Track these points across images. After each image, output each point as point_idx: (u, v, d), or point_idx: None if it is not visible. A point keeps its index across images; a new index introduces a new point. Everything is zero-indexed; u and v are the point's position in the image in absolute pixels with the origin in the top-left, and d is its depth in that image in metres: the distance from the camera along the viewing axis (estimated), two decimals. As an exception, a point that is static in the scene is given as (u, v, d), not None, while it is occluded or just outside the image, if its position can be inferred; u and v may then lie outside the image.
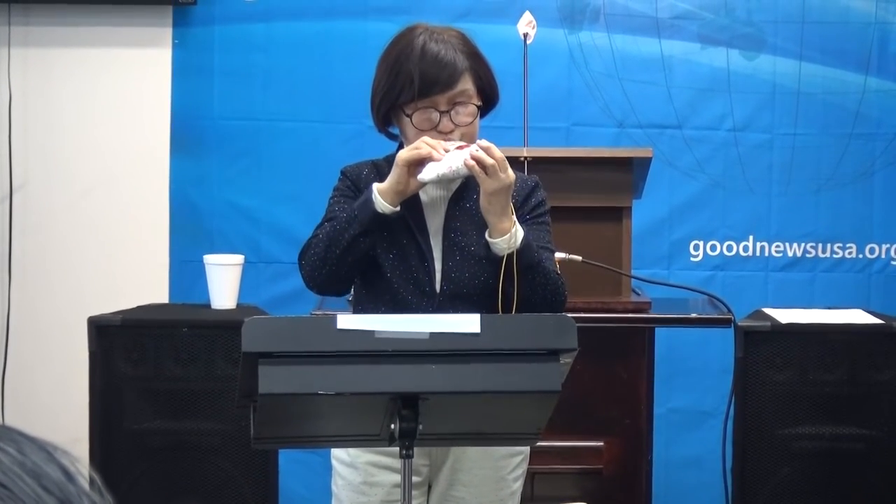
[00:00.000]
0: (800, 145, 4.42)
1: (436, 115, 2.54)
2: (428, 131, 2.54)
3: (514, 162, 3.04)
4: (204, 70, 4.42)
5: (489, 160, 2.44)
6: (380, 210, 2.51)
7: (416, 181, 2.49)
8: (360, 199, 2.55)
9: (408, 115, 2.55)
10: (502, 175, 2.45)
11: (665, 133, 4.41)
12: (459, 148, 2.49)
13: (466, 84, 2.55)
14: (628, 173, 3.35)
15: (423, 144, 2.48)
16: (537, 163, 3.20)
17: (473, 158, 2.45)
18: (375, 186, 2.53)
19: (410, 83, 2.52)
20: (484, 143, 2.48)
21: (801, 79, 4.41)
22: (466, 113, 2.55)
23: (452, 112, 2.54)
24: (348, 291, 2.70)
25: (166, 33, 4.40)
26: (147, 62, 4.41)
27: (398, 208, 2.52)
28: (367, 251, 2.55)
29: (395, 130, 2.65)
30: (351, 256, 2.54)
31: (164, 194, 4.43)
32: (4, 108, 4.38)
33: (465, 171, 2.47)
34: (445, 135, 2.54)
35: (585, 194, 3.31)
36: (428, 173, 2.47)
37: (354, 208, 2.54)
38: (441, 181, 2.52)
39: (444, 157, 2.47)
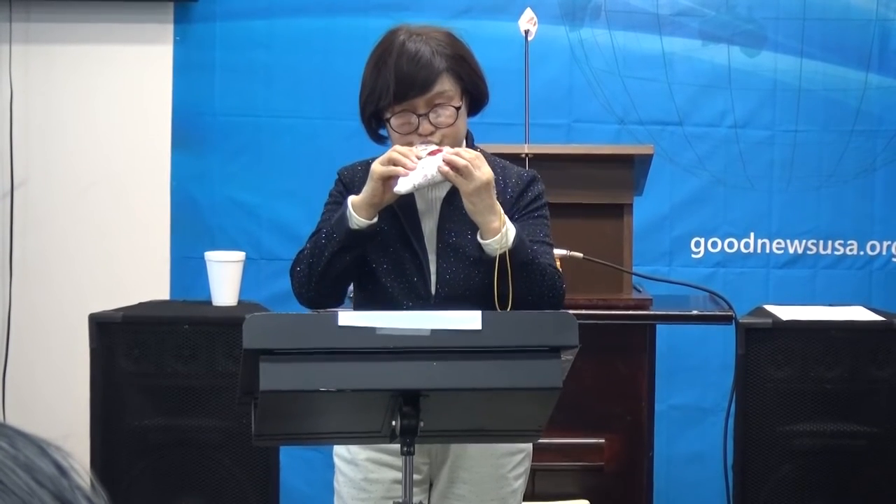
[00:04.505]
0: (801, 142, 4.42)
1: (415, 119, 2.51)
2: (408, 135, 2.52)
3: (516, 158, 3.04)
4: (205, 66, 4.41)
5: (461, 161, 2.42)
6: (354, 227, 2.49)
7: (391, 193, 2.48)
8: (337, 214, 2.54)
9: (387, 120, 2.54)
10: (477, 173, 2.42)
11: (666, 130, 4.41)
12: (433, 153, 2.46)
13: (445, 85, 2.51)
14: (629, 170, 3.35)
15: (395, 155, 2.46)
16: (538, 159, 3.21)
17: (446, 163, 2.43)
18: (350, 201, 2.51)
19: (388, 88, 2.49)
20: (452, 149, 2.46)
21: (803, 75, 4.41)
22: (446, 115, 2.52)
23: (432, 114, 2.51)
24: (341, 303, 2.68)
25: (167, 30, 4.40)
26: (148, 59, 4.41)
27: (375, 220, 2.51)
28: (351, 264, 2.54)
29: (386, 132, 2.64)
30: (334, 272, 2.53)
31: (166, 191, 4.42)
32: (5, 105, 4.37)
33: (440, 177, 2.44)
34: (425, 137, 2.51)
35: (586, 191, 3.31)
36: (403, 185, 2.44)
37: (332, 224, 2.53)
38: (418, 191, 2.51)
39: (418, 166, 2.45)
